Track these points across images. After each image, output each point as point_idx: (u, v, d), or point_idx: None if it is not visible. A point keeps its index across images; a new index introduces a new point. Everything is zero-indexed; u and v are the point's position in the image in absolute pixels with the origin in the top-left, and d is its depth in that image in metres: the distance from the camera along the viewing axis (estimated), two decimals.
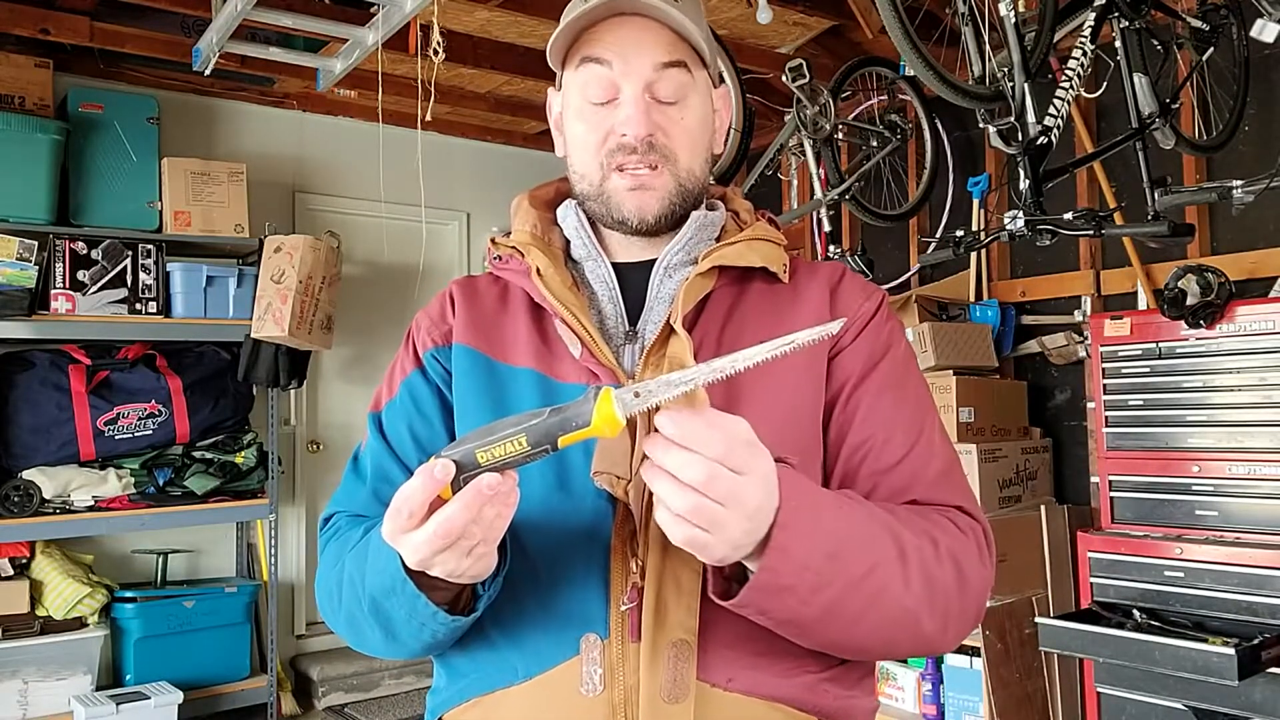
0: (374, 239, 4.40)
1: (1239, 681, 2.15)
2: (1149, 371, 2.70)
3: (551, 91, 1.10)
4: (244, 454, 3.91)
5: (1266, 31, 2.68)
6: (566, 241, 1.07)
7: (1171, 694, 2.41)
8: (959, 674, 3.07)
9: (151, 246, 3.73)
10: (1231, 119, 3.01)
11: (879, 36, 3.56)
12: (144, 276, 3.71)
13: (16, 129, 3.44)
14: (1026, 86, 2.38)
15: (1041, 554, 3.19)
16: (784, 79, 3.42)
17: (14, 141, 3.43)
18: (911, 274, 4.05)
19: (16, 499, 3.43)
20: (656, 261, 1.03)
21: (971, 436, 3.28)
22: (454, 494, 0.77)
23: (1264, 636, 2.24)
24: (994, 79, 2.43)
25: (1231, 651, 2.14)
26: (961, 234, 2.56)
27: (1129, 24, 2.63)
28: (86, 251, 3.59)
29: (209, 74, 3.48)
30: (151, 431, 3.68)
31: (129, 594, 3.67)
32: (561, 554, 0.91)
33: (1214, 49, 2.91)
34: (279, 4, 3.13)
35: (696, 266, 0.99)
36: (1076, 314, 3.53)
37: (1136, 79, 2.63)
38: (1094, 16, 2.54)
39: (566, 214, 1.07)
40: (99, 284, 3.61)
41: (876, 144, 3.70)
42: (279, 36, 3.72)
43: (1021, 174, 2.40)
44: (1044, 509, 3.23)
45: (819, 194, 3.61)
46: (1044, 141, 2.38)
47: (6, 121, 3.43)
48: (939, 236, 3.89)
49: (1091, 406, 3.02)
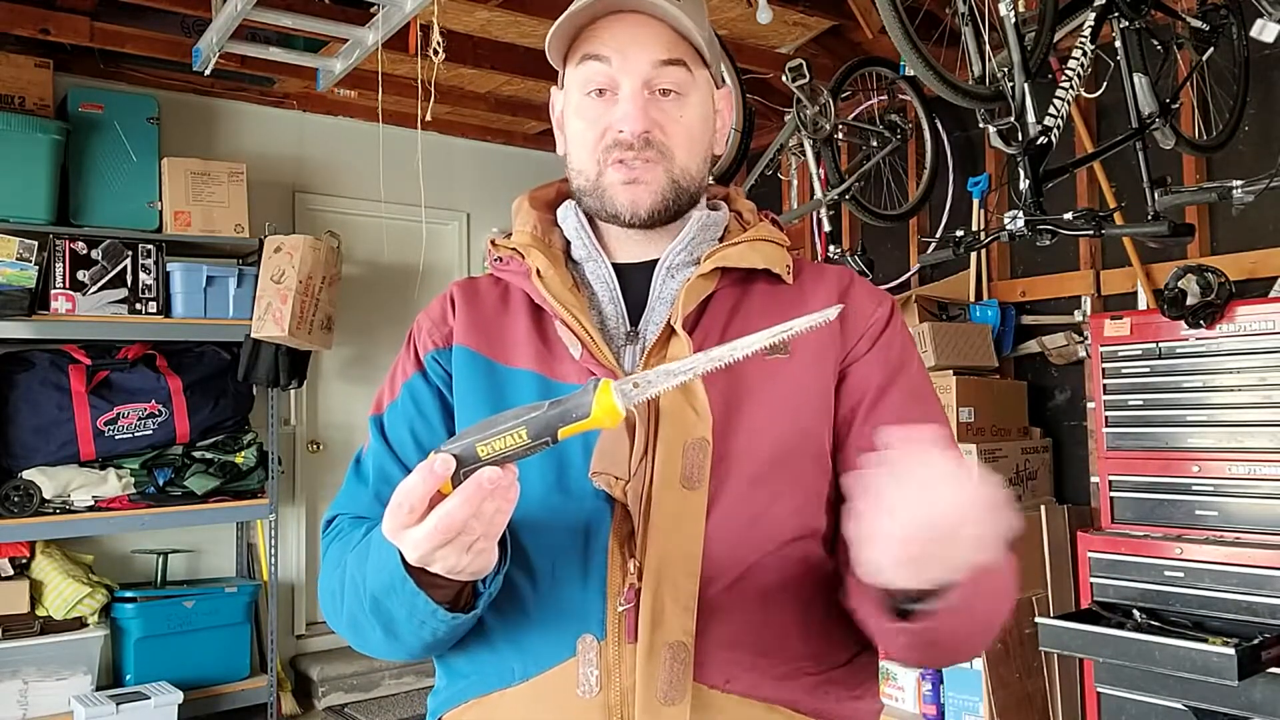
0: (374, 239, 4.40)
1: (1239, 681, 2.16)
2: (1149, 371, 2.70)
3: (554, 90, 1.10)
4: (244, 454, 3.91)
5: (1266, 31, 2.68)
6: (567, 242, 1.07)
7: (1171, 694, 2.41)
8: (959, 674, 3.07)
9: (151, 246, 3.72)
10: (1231, 119, 3.01)
11: (879, 36, 3.56)
12: (144, 276, 3.71)
13: (16, 129, 3.44)
14: (1026, 86, 2.38)
15: (1041, 554, 3.19)
16: (784, 79, 3.42)
17: (14, 141, 3.43)
18: (911, 274, 4.05)
19: (16, 499, 3.43)
20: (658, 262, 1.02)
21: (971, 436, 3.28)
22: (454, 489, 0.77)
23: (1264, 636, 2.24)
24: (994, 79, 2.43)
25: (1231, 651, 2.14)
26: (961, 234, 2.55)
27: (1129, 24, 2.62)
28: (86, 251, 3.59)
29: (209, 74, 3.48)
30: (151, 431, 3.68)
31: (129, 594, 3.67)
32: (559, 555, 0.91)
33: (1214, 49, 2.91)
34: (279, 4, 3.13)
35: (699, 267, 0.99)
36: (1076, 314, 3.53)
37: (1136, 79, 2.63)
38: (1094, 16, 2.54)
39: (566, 214, 1.07)
40: (99, 284, 3.61)
41: (876, 144, 3.70)
42: (279, 36, 3.72)
43: (1021, 174, 2.40)
44: (1044, 509, 3.23)
45: (819, 194, 3.60)
46: (1044, 141, 2.38)
47: (6, 121, 3.43)
48: (939, 236, 3.89)
49: (1091, 406, 3.02)
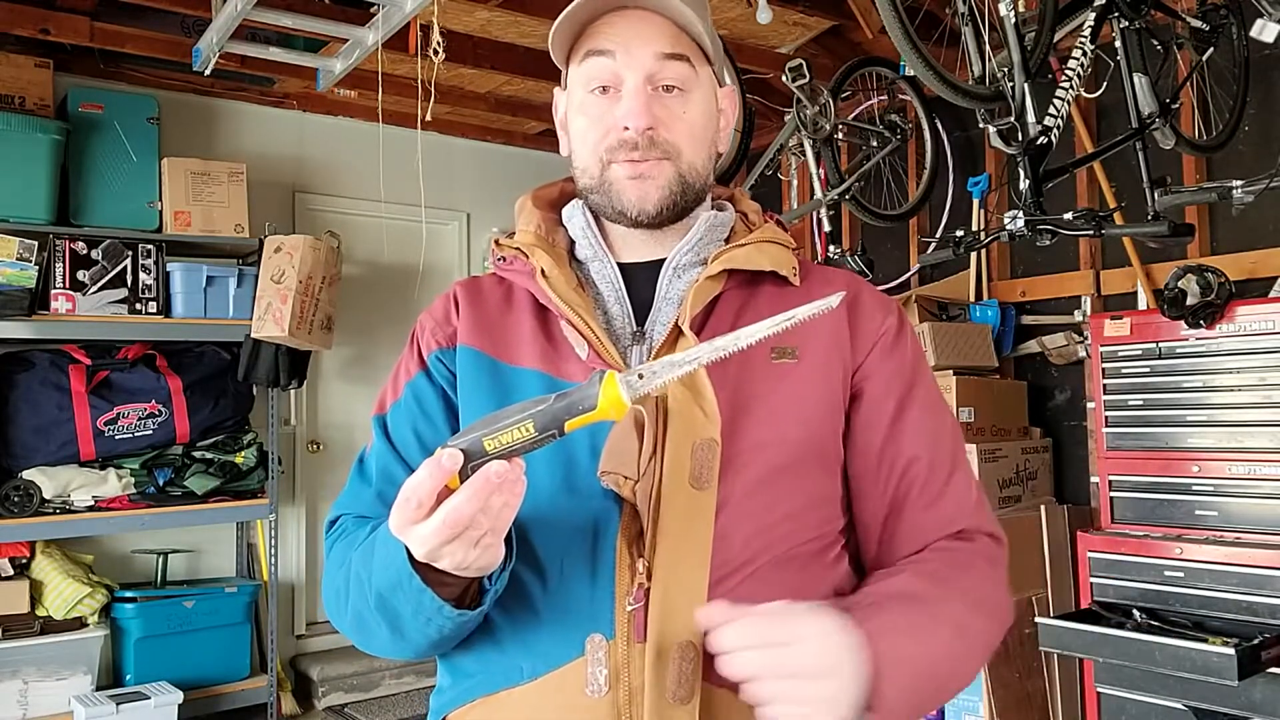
0: (374, 239, 4.40)
1: (1239, 681, 2.16)
2: (1149, 371, 2.70)
3: (557, 91, 1.09)
4: (244, 454, 3.91)
5: (1266, 31, 2.68)
6: (571, 242, 1.07)
7: (1171, 694, 2.41)
8: None
9: (151, 246, 3.72)
10: (1231, 119, 3.01)
11: (879, 36, 3.56)
12: (144, 276, 3.71)
13: (16, 129, 3.44)
14: (1026, 86, 2.38)
15: (1041, 554, 3.19)
16: (784, 79, 3.42)
17: (14, 141, 3.42)
18: (911, 274, 4.05)
19: (16, 499, 3.43)
20: (665, 261, 1.02)
21: (971, 436, 3.28)
22: (461, 483, 0.77)
23: (1264, 636, 2.24)
24: (994, 79, 2.43)
25: (1231, 651, 2.14)
26: (961, 234, 2.56)
27: (1129, 24, 2.62)
28: (86, 251, 3.59)
29: (209, 74, 3.48)
30: (151, 431, 3.68)
31: (129, 594, 3.66)
32: (568, 554, 0.91)
33: (1214, 49, 2.91)
34: (279, 4, 3.13)
35: (706, 268, 0.99)
36: (1076, 314, 3.53)
37: (1136, 79, 2.63)
38: (1094, 16, 2.54)
39: (572, 213, 1.06)
40: (99, 284, 3.61)
41: (876, 144, 3.70)
42: (279, 36, 3.72)
43: (1021, 174, 2.40)
44: (1044, 509, 3.23)
45: (819, 194, 3.61)
46: (1044, 141, 2.38)
47: (6, 121, 3.42)
48: (939, 236, 3.89)
49: (1091, 406, 3.02)
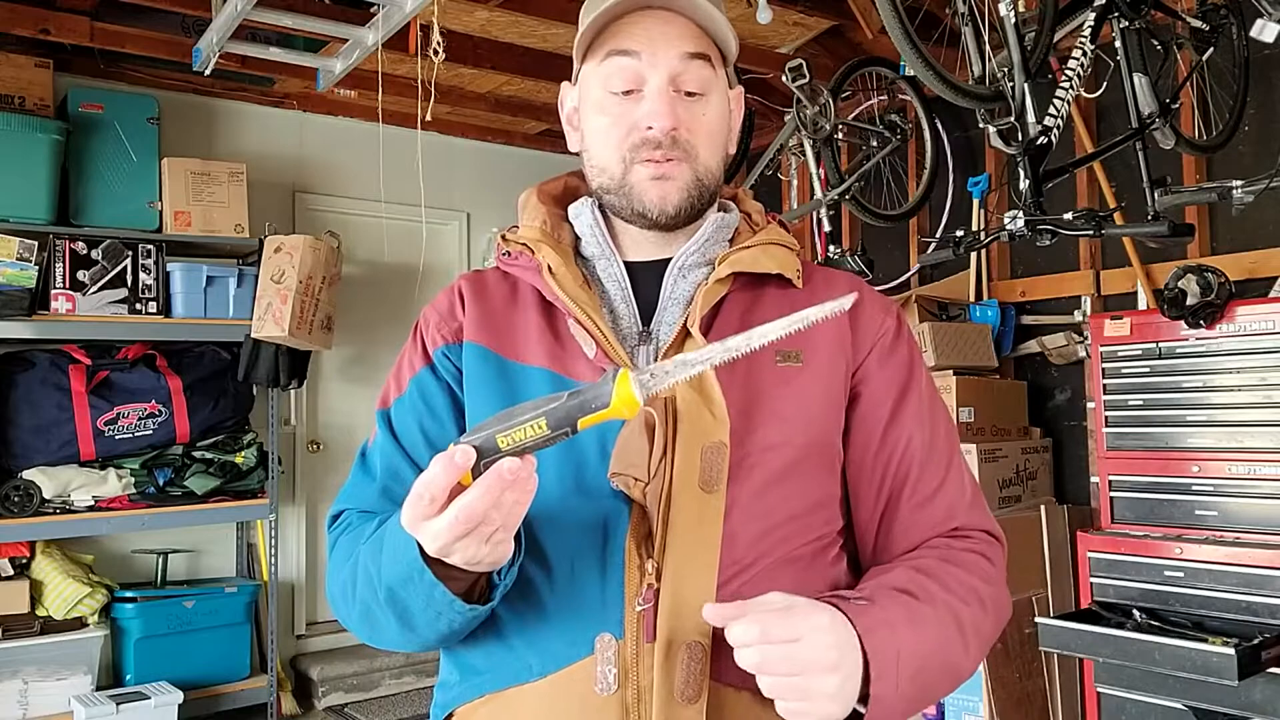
0: (374, 239, 4.40)
1: (1239, 681, 2.16)
2: (1149, 371, 2.70)
3: (565, 86, 1.09)
4: (244, 454, 3.91)
5: (1266, 31, 2.68)
6: (576, 238, 1.07)
7: (1171, 694, 2.41)
8: None
9: (151, 246, 3.72)
10: (1231, 119, 3.02)
11: (879, 36, 3.56)
12: (144, 276, 3.71)
13: (16, 129, 3.44)
14: (1026, 86, 2.38)
15: (1041, 554, 3.19)
16: (784, 79, 3.43)
17: (14, 141, 3.42)
18: (911, 274, 4.05)
19: (16, 499, 3.43)
20: (671, 261, 1.02)
21: (971, 436, 3.28)
22: (474, 480, 0.78)
23: (1264, 636, 2.24)
24: (994, 79, 2.44)
25: (1231, 651, 2.15)
26: (961, 234, 2.56)
27: (1129, 24, 2.63)
28: (86, 251, 3.59)
29: (209, 74, 3.48)
30: (151, 431, 3.68)
31: (129, 594, 3.67)
32: (578, 554, 0.92)
33: (1214, 49, 2.92)
34: (279, 4, 3.13)
35: (714, 271, 1.00)
36: (1076, 314, 3.54)
37: (1136, 79, 2.63)
38: (1094, 16, 2.54)
39: (581, 210, 1.06)
40: (99, 284, 3.61)
41: (876, 144, 3.70)
42: (279, 36, 3.72)
43: (1021, 174, 2.40)
44: (1044, 509, 3.23)
45: (819, 194, 3.61)
46: (1044, 141, 2.39)
47: (6, 121, 3.42)
48: (939, 236, 3.90)
49: (1091, 406, 3.02)
